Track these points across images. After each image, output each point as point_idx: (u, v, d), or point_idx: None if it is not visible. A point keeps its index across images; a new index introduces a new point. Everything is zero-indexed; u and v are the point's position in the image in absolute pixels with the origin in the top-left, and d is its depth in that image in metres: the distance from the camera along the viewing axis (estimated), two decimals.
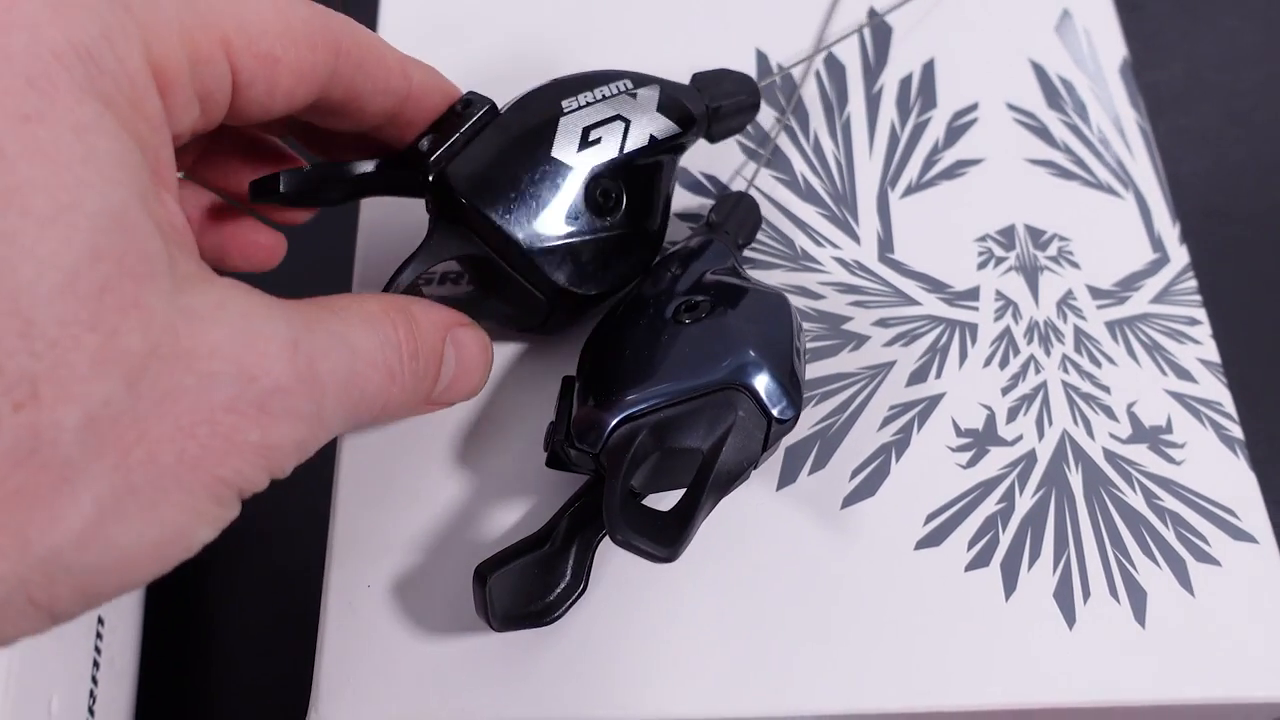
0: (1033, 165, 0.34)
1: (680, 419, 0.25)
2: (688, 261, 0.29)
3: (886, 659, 0.27)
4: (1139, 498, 0.29)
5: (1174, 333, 0.32)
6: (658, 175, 0.29)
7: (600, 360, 0.27)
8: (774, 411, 0.25)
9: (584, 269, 0.27)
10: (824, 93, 0.35)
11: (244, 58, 0.21)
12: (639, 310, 0.27)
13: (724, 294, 0.27)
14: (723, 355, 0.25)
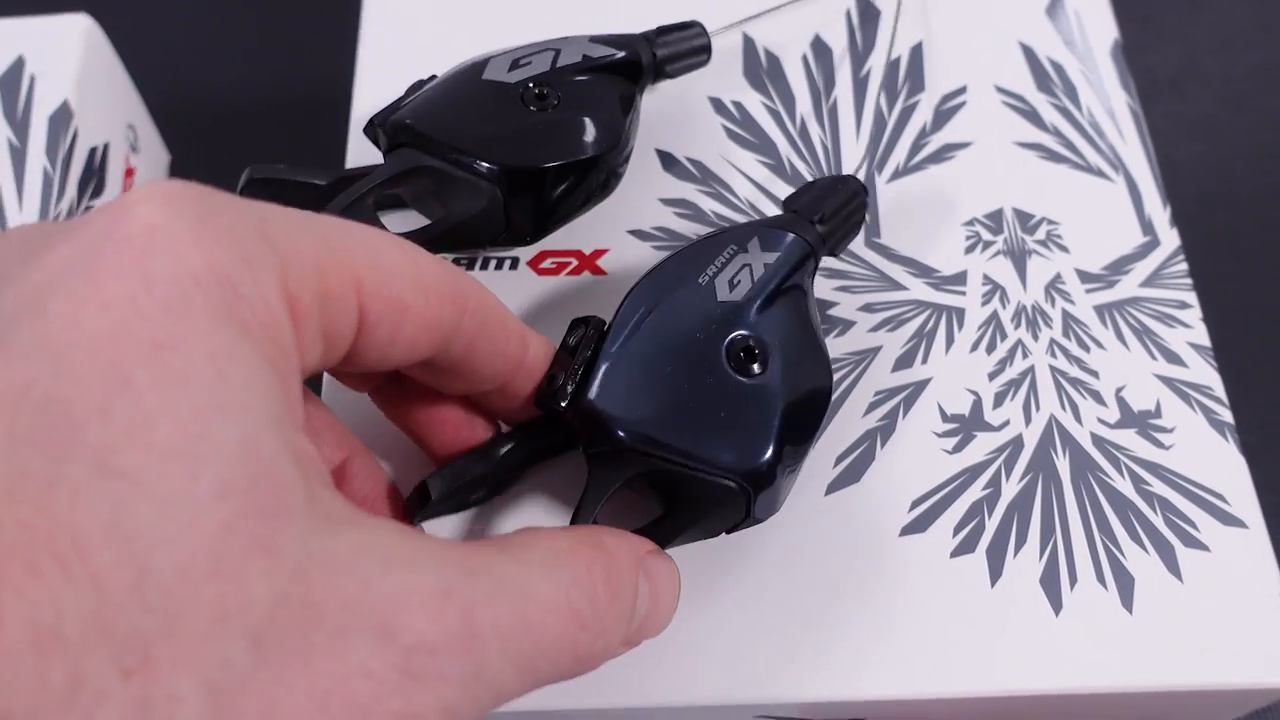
0: (1022, 148, 0.34)
1: (677, 478, 0.25)
2: (773, 270, 0.26)
3: (871, 646, 0.27)
4: (1127, 483, 0.29)
5: (1164, 316, 0.31)
6: (595, 91, 0.30)
7: (637, 352, 0.25)
8: (756, 514, 0.25)
9: (524, 146, 0.29)
10: (810, 75, 0.35)
11: (374, 300, 0.20)
12: (698, 312, 0.26)
13: (787, 351, 0.26)
14: (748, 445, 0.24)
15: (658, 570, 0.23)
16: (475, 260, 0.32)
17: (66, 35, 0.36)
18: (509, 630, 0.18)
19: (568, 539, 0.21)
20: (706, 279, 0.26)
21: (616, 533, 0.23)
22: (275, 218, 0.19)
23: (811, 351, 0.26)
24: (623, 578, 0.21)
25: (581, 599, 0.20)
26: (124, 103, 0.40)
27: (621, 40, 0.32)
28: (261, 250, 0.18)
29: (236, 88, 0.47)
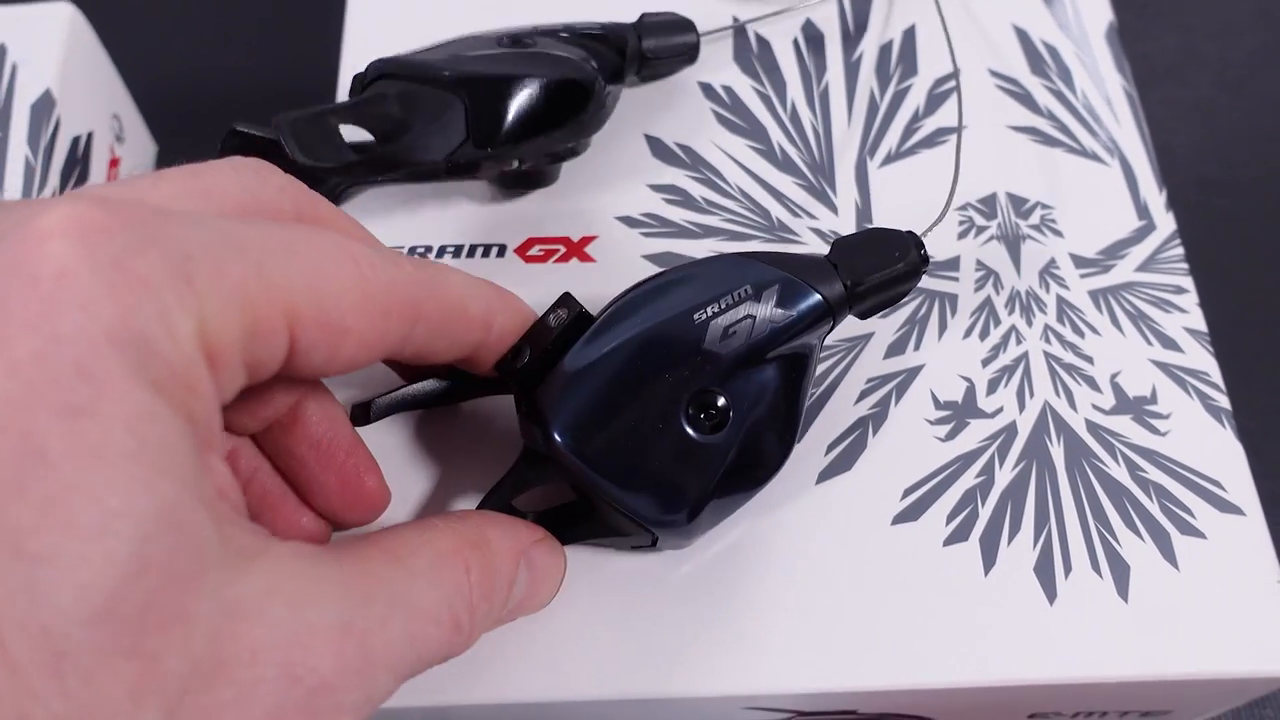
0: (1015, 132, 0.33)
1: (599, 508, 0.25)
2: (778, 331, 0.25)
3: (863, 636, 0.26)
4: (1122, 469, 0.28)
5: (1160, 301, 0.31)
6: (573, 47, 0.31)
7: (606, 368, 0.24)
8: (661, 548, 0.26)
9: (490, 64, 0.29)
10: (801, 61, 0.35)
11: (309, 329, 0.19)
12: (678, 349, 0.24)
13: (752, 421, 0.25)
14: (673, 498, 0.24)
15: (541, 559, 0.24)
16: (462, 249, 0.31)
17: (49, 23, 0.36)
18: (398, 650, 0.20)
19: (450, 539, 0.22)
20: (703, 318, 0.25)
21: (503, 523, 0.24)
22: (202, 251, 0.17)
23: (780, 426, 0.25)
24: (499, 576, 0.22)
25: (461, 606, 0.21)
26: (108, 92, 0.39)
27: (608, 25, 0.32)
28: (180, 296, 0.17)
29: (223, 77, 0.47)
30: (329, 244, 0.20)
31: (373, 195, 0.32)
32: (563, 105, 0.30)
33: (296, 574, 0.18)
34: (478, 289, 0.23)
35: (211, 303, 0.17)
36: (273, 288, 0.18)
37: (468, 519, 0.23)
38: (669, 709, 0.27)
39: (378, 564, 0.20)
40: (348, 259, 0.20)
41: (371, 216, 0.32)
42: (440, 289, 0.22)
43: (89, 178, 0.36)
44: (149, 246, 0.17)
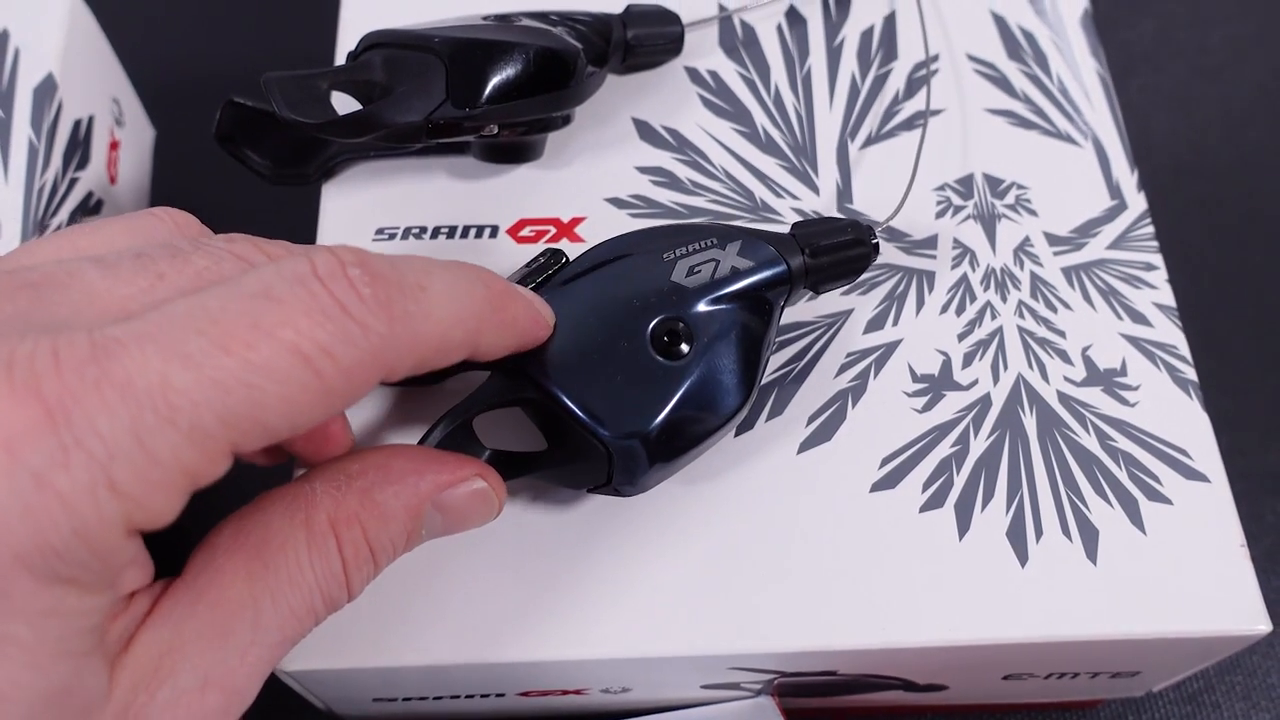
0: (992, 115, 0.34)
1: (556, 418, 0.26)
2: (738, 276, 0.27)
3: (843, 598, 0.27)
4: (1092, 439, 0.29)
5: (1130, 278, 0.32)
6: (558, 28, 0.32)
7: (576, 300, 0.26)
8: (615, 484, 0.26)
9: (472, 31, 0.30)
10: (785, 46, 0.36)
11: (256, 449, 0.20)
12: (647, 284, 0.26)
13: (712, 351, 0.26)
14: (628, 418, 0.25)
15: (456, 500, 0.24)
16: (455, 230, 0.32)
17: (51, 8, 0.37)
18: (265, 662, 0.21)
19: (324, 516, 0.22)
20: (670, 257, 0.27)
21: (404, 477, 0.23)
22: (128, 446, 0.17)
23: (739, 365, 0.27)
24: (384, 539, 0.23)
25: (333, 586, 0.22)
26: (108, 76, 0.40)
27: (594, 14, 0.33)
28: (99, 507, 0.17)
29: (219, 62, 0.48)
30: (276, 352, 0.18)
31: (368, 174, 0.33)
32: (541, 73, 0.30)
33: (153, 652, 0.20)
34: (466, 309, 0.22)
35: (137, 500, 0.18)
36: (208, 445, 0.18)
37: (356, 481, 0.23)
38: (654, 668, 0.28)
39: (239, 587, 0.21)
40: (298, 365, 0.19)
41: (365, 197, 0.32)
42: (418, 337, 0.21)
43: (90, 161, 0.37)
44: (73, 454, 0.17)
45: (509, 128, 0.31)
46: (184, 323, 0.18)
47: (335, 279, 0.19)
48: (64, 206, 0.35)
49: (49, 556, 0.17)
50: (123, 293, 0.20)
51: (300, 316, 0.19)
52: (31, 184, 0.34)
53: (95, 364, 0.17)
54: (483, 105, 0.30)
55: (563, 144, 0.33)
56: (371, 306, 0.20)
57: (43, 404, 0.17)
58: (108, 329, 0.18)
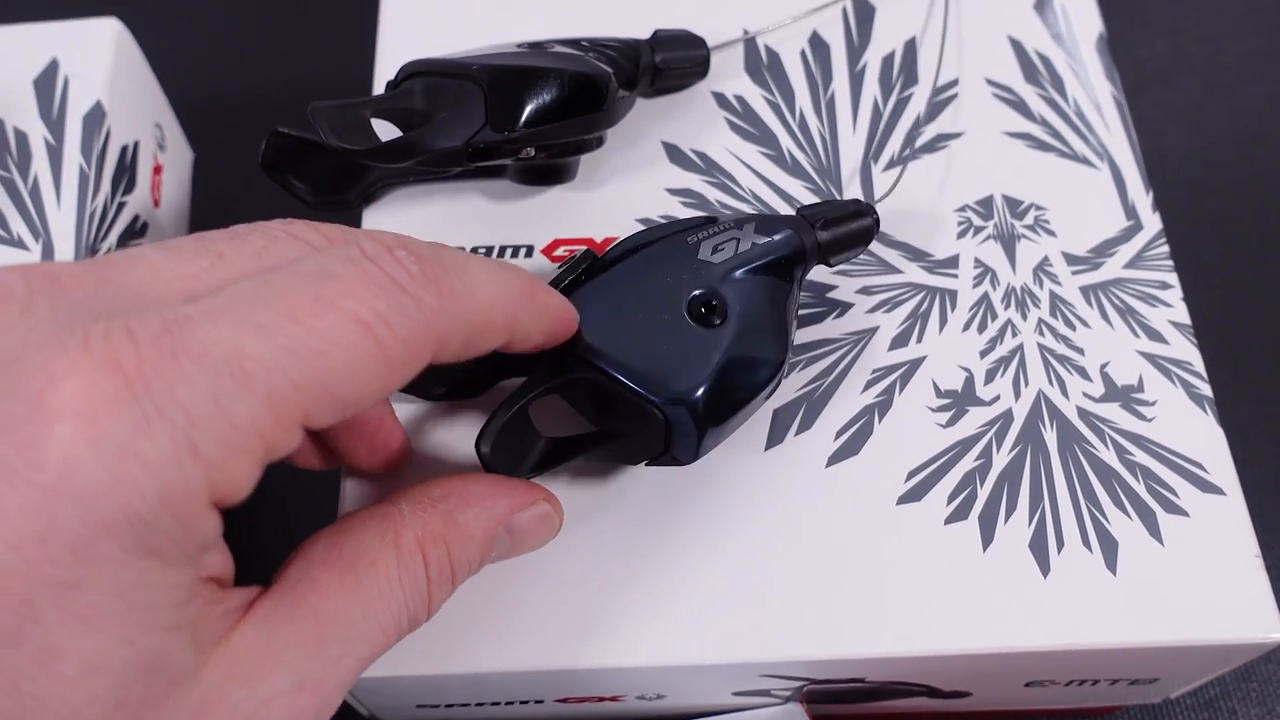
0: (1011, 138, 0.35)
1: (609, 395, 0.27)
2: (757, 251, 0.29)
3: (871, 607, 0.28)
4: (1111, 453, 0.30)
5: (1146, 296, 0.33)
6: (589, 54, 0.33)
7: (612, 281, 0.28)
8: (674, 452, 0.27)
9: (510, 58, 0.32)
10: (809, 71, 0.37)
11: (324, 417, 0.20)
12: (678, 262, 0.28)
13: (750, 321, 0.28)
14: (680, 379, 0.27)
15: (524, 524, 0.26)
16: (492, 249, 0.33)
17: (98, 38, 0.38)
18: (351, 676, 0.22)
19: (413, 535, 0.23)
20: (695, 240, 0.29)
21: (482, 500, 0.25)
22: (208, 412, 0.18)
23: (772, 327, 0.28)
24: (465, 559, 0.24)
25: (418, 604, 0.23)
26: (151, 102, 0.41)
27: (623, 39, 0.34)
28: (185, 475, 0.18)
29: (257, 86, 0.49)
30: (339, 320, 0.20)
31: (407, 198, 0.34)
32: (575, 97, 0.31)
33: (252, 649, 0.21)
34: (503, 291, 0.23)
35: (218, 465, 0.18)
36: (283, 411, 0.19)
37: (440, 504, 0.24)
38: (688, 676, 0.29)
39: (334, 599, 0.22)
40: (360, 330, 0.20)
41: (405, 220, 0.34)
42: (464, 313, 0.22)
43: (135, 185, 0.38)
44: (155, 422, 0.18)
45: (545, 150, 0.32)
46: (251, 298, 0.19)
47: (384, 258, 0.21)
48: (113, 230, 0.36)
49: (136, 526, 0.18)
50: (185, 272, 0.21)
51: (359, 288, 0.20)
52: (83, 209, 0.35)
53: (170, 337, 0.18)
54: (520, 129, 0.31)
55: (595, 166, 0.35)
56: (421, 281, 0.21)
57: (123, 375, 0.18)
58: (179, 308, 0.19)
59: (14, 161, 0.36)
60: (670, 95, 0.36)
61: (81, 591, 0.18)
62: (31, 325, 0.18)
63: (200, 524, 0.19)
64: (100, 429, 0.17)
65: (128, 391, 0.18)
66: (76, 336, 0.18)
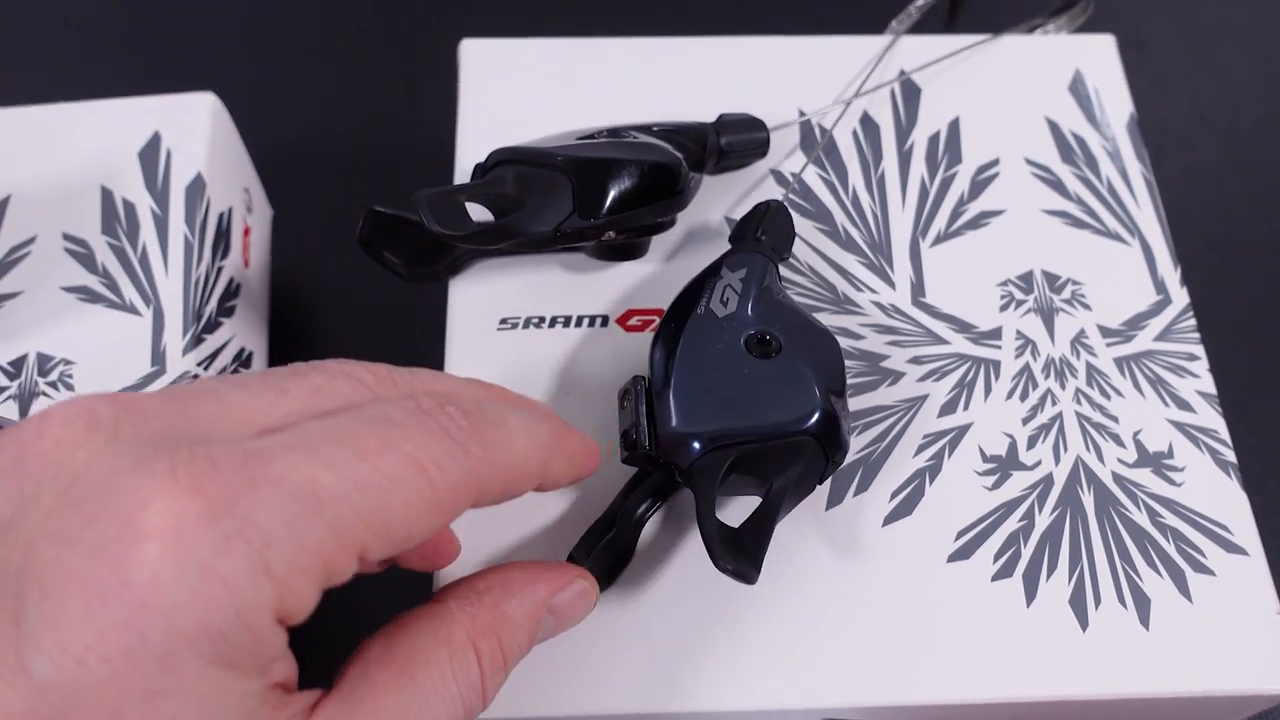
0: (1048, 216, 0.38)
1: (760, 455, 0.30)
2: (747, 283, 0.32)
3: (922, 658, 0.31)
4: (1143, 516, 0.33)
5: (1175, 367, 0.36)
6: (660, 140, 0.36)
7: (681, 377, 0.31)
8: (833, 456, 0.30)
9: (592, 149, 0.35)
10: (860, 150, 0.39)
11: (376, 551, 0.22)
12: (711, 331, 0.31)
13: (791, 331, 0.31)
14: (799, 403, 0.30)
15: (565, 604, 0.27)
16: (570, 319, 0.36)
17: (196, 112, 0.41)
18: None
19: (463, 631, 0.25)
20: (703, 307, 0.32)
21: (523, 588, 0.26)
22: (281, 533, 0.20)
23: (807, 324, 0.32)
24: (515, 646, 0.26)
25: (474, 697, 0.25)
26: (241, 168, 0.44)
27: (691, 124, 0.37)
28: (259, 591, 0.20)
29: (329, 140, 0.52)
30: (400, 462, 0.22)
31: (491, 270, 0.37)
32: (653, 184, 0.34)
33: None
34: (537, 442, 0.25)
35: (288, 584, 0.20)
36: (346, 539, 0.21)
37: (486, 596, 0.26)
38: (758, 718, 0.32)
39: (391, 699, 0.23)
40: (417, 473, 0.22)
41: (489, 291, 0.36)
42: (503, 463, 0.24)
43: (230, 250, 0.41)
44: (234, 542, 0.19)
45: (624, 232, 0.35)
46: (323, 436, 0.21)
47: (438, 412, 0.23)
48: (213, 295, 0.39)
49: (214, 638, 0.19)
50: (253, 405, 0.23)
51: (418, 434, 0.22)
52: (189, 276, 0.38)
53: (249, 466, 0.20)
54: (604, 216, 0.34)
55: (664, 241, 0.37)
56: (470, 433, 0.23)
57: (205, 499, 0.19)
58: (256, 440, 0.21)
59: (124, 231, 0.39)
60: (734, 174, 0.39)
61: (166, 700, 0.19)
62: (119, 451, 0.20)
63: (271, 637, 0.20)
64: (184, 548, 0.19)
65: (209, 514, 0.19)
66: (162, 462, 0.20)
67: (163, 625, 0.19)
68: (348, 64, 0.55)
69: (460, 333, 0.36)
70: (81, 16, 0.57)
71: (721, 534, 0.28)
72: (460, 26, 0.44)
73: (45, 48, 0.56)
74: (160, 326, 0.37)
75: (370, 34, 0.56)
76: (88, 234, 0.38)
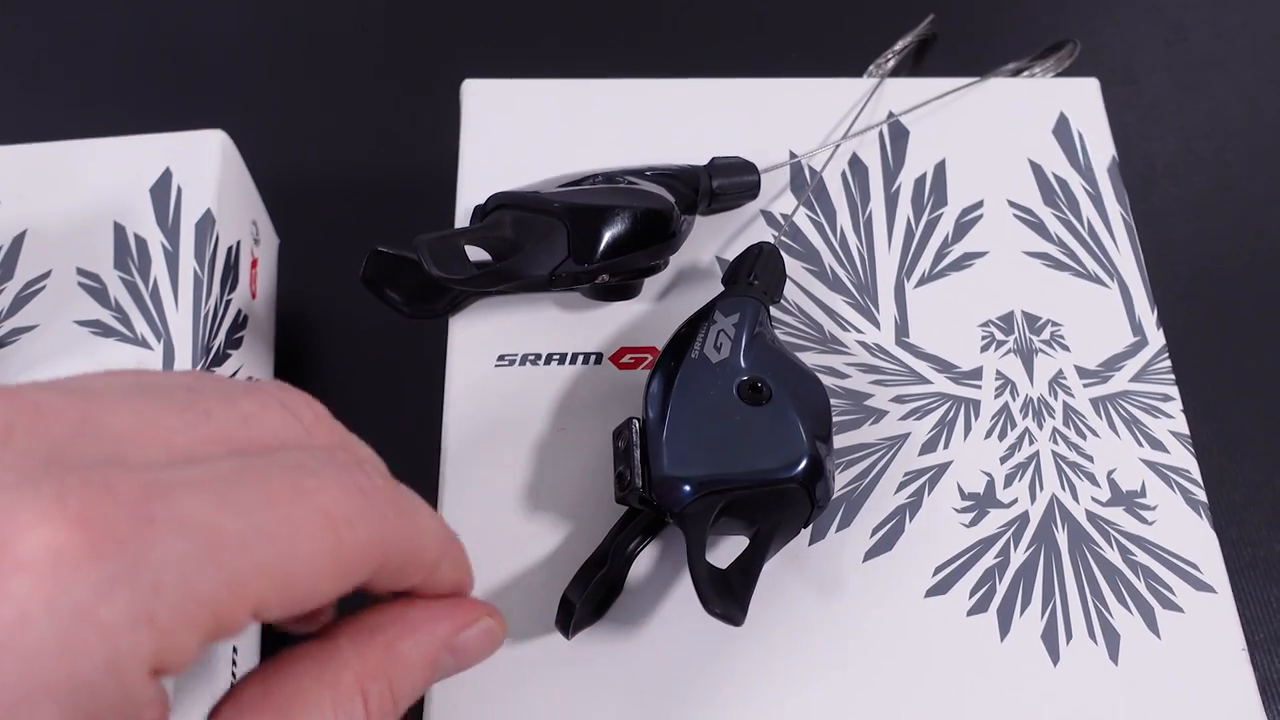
0: (1030, 258, 0.39)
1: (749, 500, 0.31)
2: (740, 328, 0.34)
3: (898, 691, 0.32)
4: (1115, 554, 0.34)
5: (1149, 408, 0.37)
6: (653, 185, 0.37)
7: (675, 423, 0.32)
8: (819, 502, 0.31)
9: (587, 196, 0.36)
10: (849, 191, 0.41)
11: (273, 609, 0.20)
12: (704, 376, 0.33)
13: (780, 377, 0.33)
14: (787, 450, 0.31)
15: (467, 643, 0.25)
16: (565, 356, 0.37)
17: (206, 149, 0.42)
18: None
19: (352, 674, 0.23)
20: (697, 352, 0.33)
21: (422, 627, 0.24)
22: (174, 579, 0.18)
23: (795, 370, 0.33)
24: (407, 689, 0.24)
25: None
26: (249, 202, 0.46)
27: (684, 167, 0.38)
28: (136, 640, 0.18)
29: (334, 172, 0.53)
30: (310, 513, 0.20)
31: (490, 308, 0.38)
32: (646, 230, 0.36)
33: None
34: (439, 532, 0.24)
35: (172, 636, 0.18)
36: (242, 592, 0.19)
37: (379, 635, 0.24)
38: None
39: None
40: (326, 528, 0.20)
41: (488, 328, 0.38)
42: (410, 537, 0.23)
43: (238, 283, 0.43)
44: (119, 586, 0.17)
45: (618, 275, 0.36)
46: (234, 477, 0.20)
47: (356, 469, 0.22)
48: (221, 328, 0.41)
49: (78, 690, 0.17)
50: (169, 424, 0.21)
51: (333, 487, 0.21)
52: (198, 311, 0.39)
53: (149, 501, 0.18)
54: (598, 261, 0.35)
55: (656, 281, 0.39)
56: (384, 496, 0.22)
57: (94, 533, 0.17)
58: (160, 472, 0.19)
59: (135, 266, 0.40)
60: (725, 215, 0.40)
61: None
62: (5, 463, 0.18)
63: (142, 690, 0.18)
64: (61, 585, 0.17)
65: (96, 550, 0.17)
66: (52, 484, 0.18)
67: (19, 670, 0.17)
68: (353, 96, 0.56)
69: (460, 368, 0.37)
70: (87, 47, 0.58)
71: (711, 577, 0.30)
72: (463, 66, 0.45)
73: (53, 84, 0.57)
74: (170, 360, 0.38)
75: (376, 70, 0.58)
76: (100, 268, 0.40)
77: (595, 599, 0.32)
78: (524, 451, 0.36)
